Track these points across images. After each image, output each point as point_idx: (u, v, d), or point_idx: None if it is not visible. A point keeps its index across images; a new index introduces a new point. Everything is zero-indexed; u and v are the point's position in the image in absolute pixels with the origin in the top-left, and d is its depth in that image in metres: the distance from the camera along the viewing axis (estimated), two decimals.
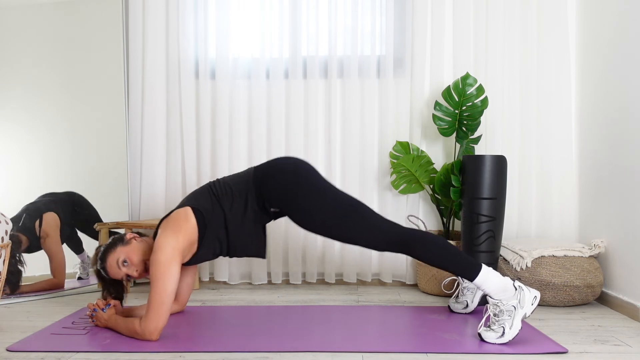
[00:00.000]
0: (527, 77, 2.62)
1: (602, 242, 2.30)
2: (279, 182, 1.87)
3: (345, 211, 1.84)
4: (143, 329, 1.73)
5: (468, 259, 1.81)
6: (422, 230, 1.87)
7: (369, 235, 1.83)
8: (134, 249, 1.88)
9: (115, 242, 1.90)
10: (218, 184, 1.93)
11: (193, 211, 1.85)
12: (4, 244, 1.89)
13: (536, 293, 1.74)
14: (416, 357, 1.62)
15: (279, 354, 1.65)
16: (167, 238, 1.76)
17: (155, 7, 2.65)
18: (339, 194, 1.88)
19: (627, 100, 2.16)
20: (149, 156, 2.67)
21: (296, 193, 1.85)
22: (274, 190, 1.87)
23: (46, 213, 2.51)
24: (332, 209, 1.84)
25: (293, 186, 1.86)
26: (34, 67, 2.58)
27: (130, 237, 1.92)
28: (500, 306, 1.72)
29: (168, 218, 1.86)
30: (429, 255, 1.81)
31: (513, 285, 1.74)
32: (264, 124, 2.69)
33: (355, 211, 1.84)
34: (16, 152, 2.54)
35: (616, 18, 2.26)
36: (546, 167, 2.61)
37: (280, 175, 1.88)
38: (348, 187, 2.65)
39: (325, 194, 1.86)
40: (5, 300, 2.33)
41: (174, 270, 1.74)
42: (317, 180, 1.89)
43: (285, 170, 1.88)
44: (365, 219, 1.84)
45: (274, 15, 2.68)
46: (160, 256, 1.73)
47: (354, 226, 1.83)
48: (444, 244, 1.83)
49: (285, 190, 1.86)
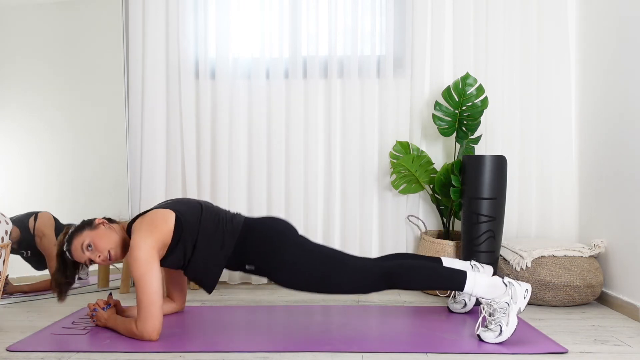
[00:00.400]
0: (527, 77, 2.62)
1: (602, 242, 2.30)
2: (259, 247, 1.85)
3: (326, 260, 1.82)
4: (141, 331, 1.72)
5: (451, 272, 1.79)
6: (402, 260, 1.85)
7: (353, 279, 1.80)
8: (100, 235, 1.85)
9: (83, 226, 1.88)
10: (208, 210, 1.90)
11: (175, 217, 1.82)
12: (4, 244, 1.88)
13: (527, 286, 1.73)
14: (416, 357, 1.62)
15: (279, 354, 1.65)
16: (143, 236, 1.74)
17: (155, 7, 2.64)
18: (317, 246, 1.86)
19: (627, 99, 2.16)
20: (149, 156, 2.67)
21: (274, 255, 1.83)
22: (254, 252, 1.85)
23: (41, 212, 2.51)
24: (312, 261, 1.81)
25: (272, 250, 1.83)
26: (34, 67, 2.58)
27: (99, 222, 1.89)
28: (494, 305, 1.72)
29: (145, 216, 1.83)
30: (414, 284, 1.80)
31: (503, 282, 1.74)
32: (264, 124, 2.69)
33: (334, 259, 1.82)
34: (16, 152, 2.54)
35: (616, 18, 2.26)
36: (546, 167, 2.61)
37: (261, 241, 1.85)
38: (348, 187, 2.66)
39: (304, 249, 1.84)
40: (5, 300, 2.33)
41: (155, 268, 1.72)
42: (294, 238, 1.87)
43: (265, 237, 1.86)
44: (346, 264, 1.81)
45: (274, 15, 2.68)
46: (140, 254, 1.71)
47: (336, 273, 1.80)
48: (424, 266, 1.82)
49: (265, 254, 1.84)
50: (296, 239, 1.87)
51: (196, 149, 2.70)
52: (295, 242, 1.86)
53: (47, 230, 2.50)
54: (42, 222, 2.50)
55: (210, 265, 1.86)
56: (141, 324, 1.72)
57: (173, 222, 1.81)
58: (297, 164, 2.66)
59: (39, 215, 2.50)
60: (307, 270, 1.81)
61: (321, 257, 1.82)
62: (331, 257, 1.83)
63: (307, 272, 1.81)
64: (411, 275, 1.79)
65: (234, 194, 2.66)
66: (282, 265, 1.82)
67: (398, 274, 1.79)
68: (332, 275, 1.80)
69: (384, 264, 1.83)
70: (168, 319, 2.03)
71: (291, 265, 1.82)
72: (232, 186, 2.67)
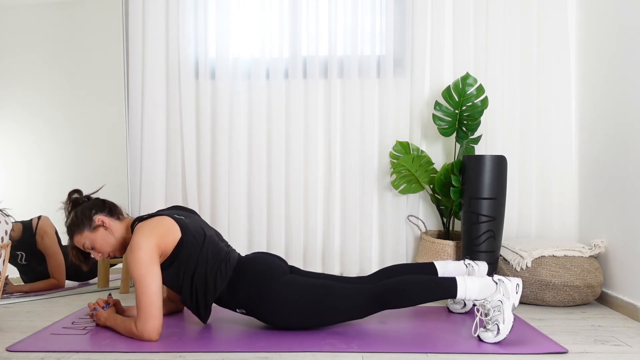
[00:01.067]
0: (527, 77, 2.62)
1: (602, 242, 2.30)
2: (246, 291, 1.82)
3: (314, 294, 1.79)
4: (141, 332, 1.72)
5: (441, 282, 1.78)
6: (391, 280, 1.82)
7: (346, 306, 1.79)
8: (99, 239, 1.83)
9: (82, 223, 1.84)
10: (211, 243, 1.85)
11: (182, 232, 1.79)
12: (4, 244, 1.88)
13: (518, 281, 1.73)
14: (416, 357, 1.62)
15: (279, 354, 1.65)
16: (144, 237, 1.71)
17: (155, 7, 2.65)
18: (304, 281, 1.83)
19: (627, 99, 2.16)
20: (149, 156, 2.67)
21: (261, 302, 1.80)
22: (242, 298, 1.82)
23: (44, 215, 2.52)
24: (299, 300, 1.79)
25: (257, 295, 1.80)
26: (34, 67, 2.58)
27: (99, 222, 1.84)
28: (487, 305, 1.72)
29: (150, 220, 1.80)
30: (407, 302, 1.78)
31: (493, 280, 1.74)
32: (264, 124, 2.69)
33: (322, 290, 1.80)
34: (16, 152, 2.54)
35: (616, 18, 2.26)
36: (546, 167, 2.61)
37: (248, 286, 1.82)
38: (348, 187, 2.66)
39: (290, 288, 1.80)
40: (5, 300, 2.33)
41: (156, 268, 1.71)
42: (283, 280, 1.82)
43: (252, 281, 1.82)
44: (334, 293, 1.79)
45: (274, 15, 2.68)
46: (140, 255, 1.69)
47: (327, 306, 1.79)
48: (414, 282, 1.79)
49: (252, 302, 1.81)
50: (283, 277, 1.83)
51: (196, 149, 2.70)
52: (282, 280, 1.82)
53: (49, 230, 2.52)
54: (44, 222, 2.52)
55: (201, 299, 1.83)
56: (141, 325, 1.71)
57: (177, 240, 1.77)
58: (297, 164, 2.66)
59: (42, 217, 2.52)
60: (296, 305, 1.79)
61: (309, 290, 1.79)
62: (319, 289, 1.80)
63: (297, 306, 1.79)
64: (403, 294, 1.77)
65: (234, 194, 2.66)
66: (271, 305, 1.79)
67: (389, 295, 1.77)
68: (322, 306, 1.79)
69: (374, 287, 1.80)
70: (168, 319, 2.03)
71: (280, 303, 1.79)
72: (232, 186, 2.67)
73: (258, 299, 1.81)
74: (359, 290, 1.80)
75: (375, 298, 1.78)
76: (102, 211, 1.88)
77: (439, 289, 1.77)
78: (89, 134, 2.64)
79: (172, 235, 1.77)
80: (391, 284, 1.80)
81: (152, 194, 2.67)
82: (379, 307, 1.79)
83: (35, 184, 2.56)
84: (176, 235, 1.78)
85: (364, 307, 1.79)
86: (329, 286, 1.81)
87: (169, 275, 1.81)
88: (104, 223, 1.85)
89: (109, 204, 1.92)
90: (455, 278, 1.77)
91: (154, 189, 2.67)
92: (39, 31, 2.59)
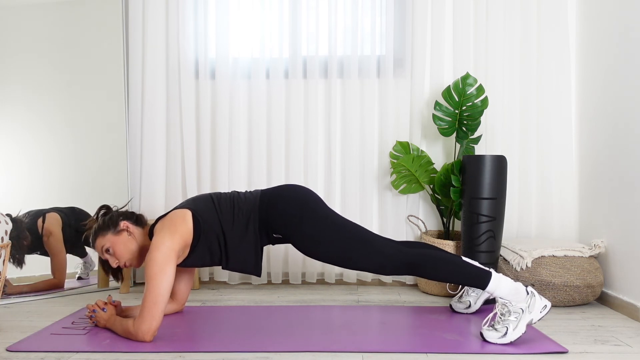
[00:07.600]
0: (527, 77, 2.62)
1: (602, 242, 2.30)
2: (283, 211, 1.88)
3: (350, 238, 1.84)
4: (136, 330, 1.72)
5: (476, 269, 1.80)
6: (427, 250, 1.86)
7: (375, 260, 1.83)
8: (121, 242, 1.88)
9: (107, 226, 1.90)
10: (221, 198, 1.93)
11: (192, 215, 1.85)
12: (4, 244, 1.88)
13: (547, 302, 1.73)
14: (416, 357, 1.62)
15: (279, 354, 1.65)
16: (164, 238, 1.76)
17: (155, 7, 2.65)
18: (343, 221, 1.88)
19: (628, 99, 2.16)
20: (149, 156, 2.67)
21: (300, 222, 1.86)
22: (279, 218, 1.88)
23: (49, 213, 2.52)
24: (336, 236, 1.84)
25: (297, 216, 1.86)
26: (34, 67, 2.58)
27: (124, 227, 1.90)
28: (509, 306, 1.72)
29: (165, 218, 1.86)
30: (438, 274, 1.81)
31: (526, 289, 1.74)
32: (264, 124, 2.69)
33: (359, 237, 1.85)
34: (16, 152, 2.54)
35: (616, 18, 2.26)
36: (546, 167, 2.61)
37: (285, 205, 1.88)
38: (348, 187, 2.66)
39: (329, 222, 1.86)
40: (5, 300, 2.33)
41: (169, 270, 1.73)
42: (320, 209, 1.89)
43: (290, 200, 1.89)
44: (370, 245, 1.84)
45: (274, 15, 2.68)
46: (157, 255, 1.73)
47: (359, 253, 1.83)
48: (451, 259, 1.83)
49: (289, 220, 1.87)
50: (318, 212, 1.88)
51: (196, 149, 2.70)
52: (317, 216, 1.87)
53: (55, 229, 2.52)
54: (49, 221, 2.52)
55: (246, 247, 1.88)
56: (139, 323, 1.71)
57: (191, 221, 1.84)
58: (297, 163, 2.66)
59: (47, 215, 2.52)
60: (328, 246, 1.84)
61: (344, 235, 1.84)
62: (355, 237, 1.84)
63: (329, 247, 1.84)
64: (437, 266, 1.81)
65: None
66: (303, 237, 1.86)
67: (423, 263, 1.81)
68: (353, 254, 1.83)
69: (409, 251, 1.84)
70: (168, 319, 2.03)
71: (312, 238, 1.85)
72: (232, 186, 2.67)
73: (292, 225, 1.86)
74: (394, 250, 1.84)
75: (408, 263, 1.82)
76: (129, 219, 1.94)
77: (472, 275, 1.79)
78: (89, 133, 2.64)
79: (186, 221, 1.83)
80: (428, 254, 1.83)
81: (152, 194, 2.67)
82: (406, 271, 1.84)
83: (36, 184, 2.56)
84: (189, 217, 1.84)
85: (393, 267, 1.83)
86: (365, 235, 1.86)
87: (201, 253, 1.87)
88: (129, 228, 1.91)
89: (137, 215, 1.99)
90: (491, 271, 1.79)
91: (154, 189, 2.67)
92: (39, 31, 2.59)
